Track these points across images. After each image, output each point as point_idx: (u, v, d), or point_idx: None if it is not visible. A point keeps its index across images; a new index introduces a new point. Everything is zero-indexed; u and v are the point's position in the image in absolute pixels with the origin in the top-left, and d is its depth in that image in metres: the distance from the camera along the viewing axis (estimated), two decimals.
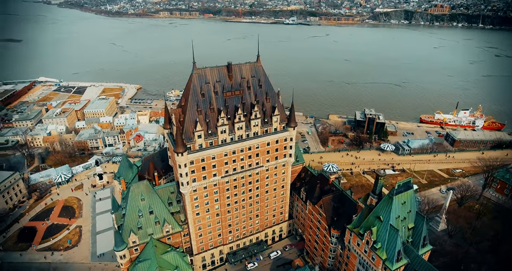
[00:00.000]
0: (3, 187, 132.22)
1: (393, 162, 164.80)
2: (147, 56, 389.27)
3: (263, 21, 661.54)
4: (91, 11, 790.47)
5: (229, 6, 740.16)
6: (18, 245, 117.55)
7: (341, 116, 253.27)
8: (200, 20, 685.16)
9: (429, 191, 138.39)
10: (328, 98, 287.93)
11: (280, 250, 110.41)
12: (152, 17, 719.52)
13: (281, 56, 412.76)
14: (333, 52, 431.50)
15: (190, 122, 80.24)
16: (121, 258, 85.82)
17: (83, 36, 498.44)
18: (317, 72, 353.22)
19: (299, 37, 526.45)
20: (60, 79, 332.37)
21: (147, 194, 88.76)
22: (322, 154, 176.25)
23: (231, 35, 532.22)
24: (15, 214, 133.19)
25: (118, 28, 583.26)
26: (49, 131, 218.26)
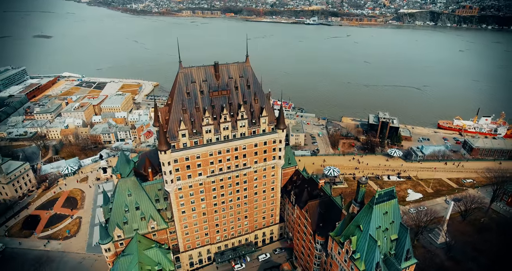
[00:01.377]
0: (13, 176, 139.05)
1: (400, 168, 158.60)
2: (166, 54, 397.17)
3: (284, 21, 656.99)
4: (118, 9, 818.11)
5: (251, 5, 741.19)
6: (22, 232, 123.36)
7: (354, 119, 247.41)
8: (221, 19, 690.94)
9: (433, 200, 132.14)
10: (343, 100, 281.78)
11: (269, 253, 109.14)
12: (175, 15, 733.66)
13: (300, 56, 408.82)
14: (352, 54, 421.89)
15: (174, 121, 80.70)
16: (106, 251, 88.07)
17: (109, 34, 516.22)
18: (334, 73, 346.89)
19: (319, 38, 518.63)
20: (82, 74, 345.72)
21: (134, 190, 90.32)
22: (326, 156, 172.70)
23: (251, 34, 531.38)
24: (23, 202, 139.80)
25: (141, 26, 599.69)
26: (67, 125, 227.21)
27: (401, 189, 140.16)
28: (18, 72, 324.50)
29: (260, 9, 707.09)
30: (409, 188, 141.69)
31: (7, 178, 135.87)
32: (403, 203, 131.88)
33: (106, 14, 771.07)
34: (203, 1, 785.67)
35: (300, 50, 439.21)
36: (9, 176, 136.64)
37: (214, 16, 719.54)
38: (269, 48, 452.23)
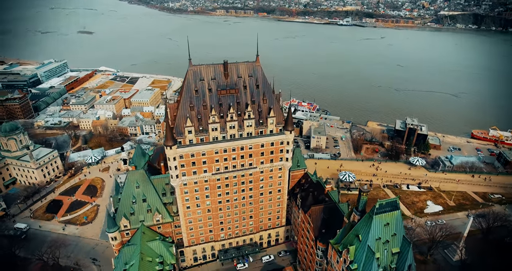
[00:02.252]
0: (43, 162, 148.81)
1: (421, 178, 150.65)
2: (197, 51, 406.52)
3: (316, 22, 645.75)
4: (156, 7, 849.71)
5: (284, 5, 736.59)
6: (45, 215, 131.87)
7: (380, 124, 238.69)
8: (254, 19, 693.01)
9: (453, 214, 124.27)
10: (371, 104, 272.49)
11: (273, 255, 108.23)
12: (209, 14, 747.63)
13: (330, 57, 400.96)
14: (385, 56, 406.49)
15: (181, 118, 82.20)
16: (113, 240, 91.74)
17: (145, 31, 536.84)
18: (365, 76, 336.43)
19: (351, 39, 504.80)
20: (117, 69, 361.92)
21: (142, 182, 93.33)
22: (344, 161, 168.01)
23: (281, 34, 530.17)
24: (50, 187, 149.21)
25: (176, 24, 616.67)
26: (98, 116, 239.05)
27: (420, 200, 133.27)
28: (60, 65, 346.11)
29: (293, 9, 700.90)
30: (429, 199, 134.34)
31: (37, 164, 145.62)
32: (420, 214, 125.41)
33: (144, 12, 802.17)
34: (237, 1, 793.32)
35: (331, 52, 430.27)
36: (38, 162, 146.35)
37: (246, 16, 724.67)
38: (299, 48, 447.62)
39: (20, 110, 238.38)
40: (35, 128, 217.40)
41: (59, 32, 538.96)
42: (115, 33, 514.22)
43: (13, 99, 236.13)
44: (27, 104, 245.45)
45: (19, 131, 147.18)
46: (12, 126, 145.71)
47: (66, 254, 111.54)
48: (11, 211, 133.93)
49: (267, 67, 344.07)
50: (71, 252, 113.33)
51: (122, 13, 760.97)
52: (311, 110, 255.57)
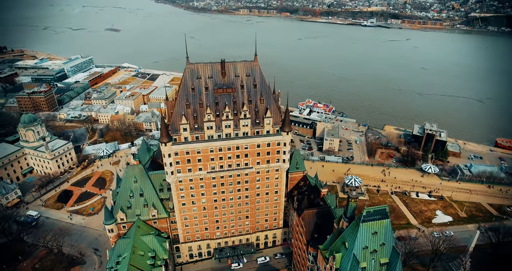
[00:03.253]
0: (57, 153, 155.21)
1: (433, 186, 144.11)
2: (218, 50, 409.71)
3: (340, 22, 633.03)
4: (181, 6, 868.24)
5: (307, 5, 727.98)
6: (56, 204, 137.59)
7: (398, 129, 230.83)
8: (276, 18, 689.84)
9: (463, 226, 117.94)
10: (390, 108, 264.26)
11: (269, 257, 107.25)
12: (232, 14, 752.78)
13: (351, 59, 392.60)
14: (409, 59, 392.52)
15: (177, 115, 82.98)
16: (109, 232, 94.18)
17: (169, 29, 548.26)
18: (386, 78, 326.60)
19: (375, 40, 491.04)
20: (139, 66, 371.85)
21: (140, 177, 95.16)
22: (352, 165, 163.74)
23: (303, 34, 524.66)
24: (63, 177, 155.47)
25: (199, 23, 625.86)
26: (117, 111, 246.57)
27: (428, 209, 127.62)
28: (86, 61, 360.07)
29: (317, 9, 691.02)
30: (439, 209, 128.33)
31: (52, 154, 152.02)
32: (428, 224, 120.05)
33: (170, 10, 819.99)
34: (261, 0, 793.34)
35: (353, 53, 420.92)
36: (53, 153, 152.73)
37: (269, 15, 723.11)
38: (320, 49, 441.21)
39: (45, 103, 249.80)
40: (57, 120, 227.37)
41: (89, 29, 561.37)
42: (140, 31, 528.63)
43: (39, 92, 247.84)
44: (51, 98, 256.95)
45: (37, 123, 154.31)
46: (31, 118, 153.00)
47: (70, 242, 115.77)
48: (26, 198, 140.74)
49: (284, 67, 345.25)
50: (75, 241, 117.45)
51: (148, 12, 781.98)
52: (326, 112, 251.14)
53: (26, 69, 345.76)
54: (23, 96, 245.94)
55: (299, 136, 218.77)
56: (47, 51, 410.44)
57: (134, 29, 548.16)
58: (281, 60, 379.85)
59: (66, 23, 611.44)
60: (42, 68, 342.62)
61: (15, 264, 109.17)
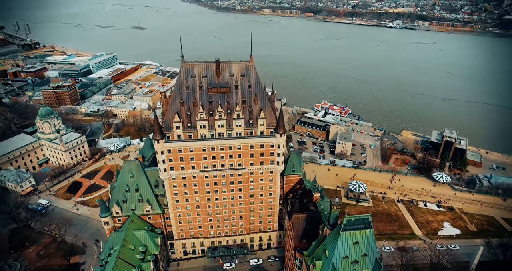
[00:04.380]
0: (71, 146, 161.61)
1: (444, 196, 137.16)
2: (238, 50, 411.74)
3: (364, 23, 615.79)
4: (206, 6, 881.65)
5: (331, 6, 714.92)
6: (65, 194, 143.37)
7: (416, 134, 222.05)
8: (299, 19, 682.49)
9: (471, 240, 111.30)
10: (410, 113, 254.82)
11: (262, 259, 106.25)
12: (255, 13, 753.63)
13: (373, 61, 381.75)
14: (435, 62, 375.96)
15: (171, 113, 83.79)
16: (105, 224, 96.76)
17: (192, 28, 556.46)
18: (408, 82, 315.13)
19: (399, 43, 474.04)
20: (160, 63, 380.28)
21: (136, 172, 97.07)
22: (360, 170, 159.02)
23: (325, 35, 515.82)
24: (75, 169, 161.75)
25: (222, 22, 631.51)
26: (135, 107, 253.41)
27: (435, 220, 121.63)
28: (110, 58, 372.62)
29: (341, 10, 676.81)
30: (447, 220, 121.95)
31: (65, 147, 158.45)
32: (433, 236, 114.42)
33: (195, 10, 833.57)
34: (284, 0, 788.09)
35: (375, 55, 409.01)
36: (67, 145, 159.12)
37: (293, 16, 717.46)
38: (341, 50, 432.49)
39: (68, 97, 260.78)
40: (77, 114, 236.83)
41: (116, 27, 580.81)
42: (165, 29, 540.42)
43: (63, 86, 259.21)
44: (74, 92, 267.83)
45: (54, 116, 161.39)
46: (48, 111, 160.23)
47: (74, 232, 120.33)
48: (39, 187, 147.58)
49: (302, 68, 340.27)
50: (79, 231, 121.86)
51: (174, 11, 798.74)
52: (342, 114, 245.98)
53: (55, 64, 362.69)
54: (48, 90, 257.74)
55: (311, 138, 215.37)
56: (76, 48, 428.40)
57: (159, 28, 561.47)
58: (300, 61, 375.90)
59: (96, 21, 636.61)
60: (69, 63, 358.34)
61: (22, 249, 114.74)
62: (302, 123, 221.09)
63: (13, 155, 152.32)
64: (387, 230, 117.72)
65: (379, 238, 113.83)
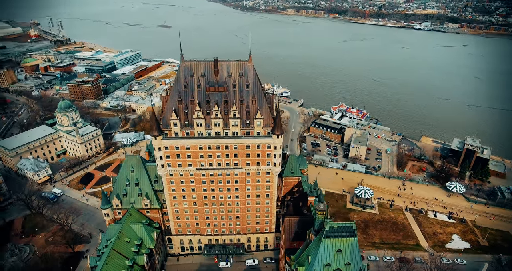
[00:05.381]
0: (87, 139, 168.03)
1: (455, 208, 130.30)
2: (259, 50, 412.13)
3: (390, 25, 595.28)
4: (231, 5, 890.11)
5: (357, 6, 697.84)
6: (78, 185, 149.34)
7: (436, 141, 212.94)
8: (324, 19, 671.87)
9: (481, 256, 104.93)
10: (431, 118, 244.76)
11: (258, 260, 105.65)
12: (279, 13, 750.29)
13: (397, 63, 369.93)
14: (463, 66, 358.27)
15: (169, 110, 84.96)
16: (106, 216, 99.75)
17: (216, 27, 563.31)
18: (432, 86, 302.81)
19: (427, 45, 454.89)
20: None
21: (137, 167, 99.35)
22: (367, 175, 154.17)
23: (349, 36, 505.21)
24: (90, 161, 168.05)
25: (245, 22, 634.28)
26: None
27: (444, 232, 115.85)
28: (134, 55, 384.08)
29: (366, 11, 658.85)
30: (457, 233, 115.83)
31: (81, 139, 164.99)
32: (439, 248, 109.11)
33: (220, 9, 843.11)
34: (309, 1, 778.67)
35: (400, 57, 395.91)
36: (83, 138, 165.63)
37: (317, 16, 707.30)
38: (364, 52, 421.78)
39: (91, 92, 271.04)
40: (99, 108, 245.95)
41: (143, 25, 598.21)
42: (189, 28, 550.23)
43: (87, 81, 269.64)
44: (98, 87, 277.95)
45: (72, 109, 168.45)
46: (67, 105, 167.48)
47: (82, 222, 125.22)
48: (55, 177, 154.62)
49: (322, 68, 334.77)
50: (86, 220, 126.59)
51: (199, 10, 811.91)
52: (359, 117, 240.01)
53: (83, 59, 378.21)
54: (73, 85, 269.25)
55: (326, 140, 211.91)
56: (104, 44, 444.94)
57: (183, 26, 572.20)
58: (321, 62, 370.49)
59: (124, 19, 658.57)
60: (96, 59, 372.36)
61: (32, 235, 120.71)
62: (317, 125, 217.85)
63: (33, 145, 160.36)
64: (390, 239, 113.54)
65: (381, 246, 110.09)
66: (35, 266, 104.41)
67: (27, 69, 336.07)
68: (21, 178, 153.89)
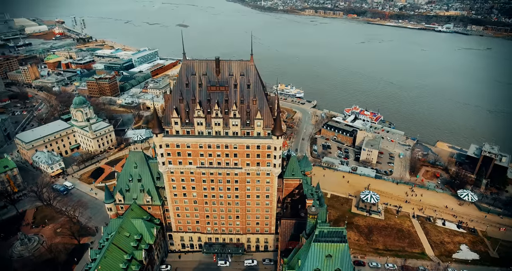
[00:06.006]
0: (99, 134, 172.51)
1: (466, 217, 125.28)
2: (275, 50, 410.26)
3: (410, 26, 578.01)
4: (249, 5, 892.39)
5: (376, 7, 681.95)
6: (88, 179, 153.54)
7: (452, 147, 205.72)
8: (342, 20, 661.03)
9: (490, 268, 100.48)
10: (449, 123, 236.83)
11: (257, 261, 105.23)
12: (297, 14, 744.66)
13: (415, 66, 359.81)
14: (485, 70, 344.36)
15: (171, 108, 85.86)
16: (108, 210, 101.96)
17: (233, 26, 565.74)
18: (452, 90, 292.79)
19: (448, 48, 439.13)
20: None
21: (140, 163, 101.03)
22: (376, 180, 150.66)
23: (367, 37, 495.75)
24: (101, 156, 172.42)
25: (263, 22, 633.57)
26: None
27: (452, 241, 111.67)
28: (152, 53, 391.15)
29: (386, 12, 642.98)
30: (465, 243, 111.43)
31: (94, 134, 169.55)
32: (446, 258, 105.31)
33: (238, 9, 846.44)
34: (328, 1, 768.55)
35: (419, 60, 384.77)
36: (95, 133, 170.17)
37: (335, 17, 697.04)
38: (381, 54, 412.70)
39: (108, 89, 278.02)
40: (115, 105, 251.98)
41: (162, 24, 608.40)
42: (207, 27, 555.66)
43: (104, 79, 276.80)
44: (114, 84, 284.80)
45: (86, 105, 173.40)
46: (81, 101, 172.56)
47: (89, 215, 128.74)
48: (67, 170, 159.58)
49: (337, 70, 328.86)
50: (94, 214, 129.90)
51: (218, 10, 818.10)
52: (373, 120, 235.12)
53: (103, 57, 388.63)
54: (91, 81, 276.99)
55: (337, 142, 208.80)
56: (123, 42, 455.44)
57: (201, 26, 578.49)
58: (337, 63, 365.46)
59: (145, 18, 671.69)
60: (115, 57, 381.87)
61: (42, 226, 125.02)
62: (328, 127, 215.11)
63: (48, 139, 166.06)
64: (394, 246, 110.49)
65: (384, 253, 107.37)
66: (41, 256, 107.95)
67: (50, 66, 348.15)
68: (36, 170, 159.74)
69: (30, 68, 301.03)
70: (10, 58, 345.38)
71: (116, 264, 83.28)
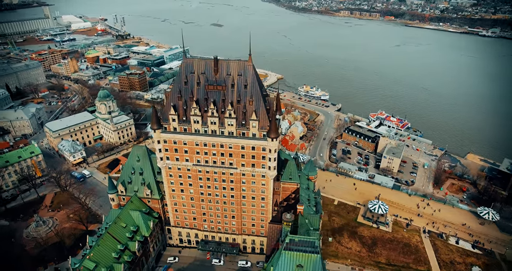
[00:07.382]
0: (119, 127, 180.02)
1: (484, 237, 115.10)
2: (305, 51, 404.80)
3: (452, 30, 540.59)
4: (284, 6, 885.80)
5: (416, 9, 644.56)
6: (105, 169, 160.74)
7: (484, 160, 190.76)
8: (378, 22, 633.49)
9: None
10: (483, 135, 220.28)
11: (251, 263, 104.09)
12: (332, 15, 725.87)
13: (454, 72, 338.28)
14: None
15: (169, 105, 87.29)
16: (111, 200, 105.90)
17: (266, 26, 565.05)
18: (492, 99, 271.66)
19: (491, 54, 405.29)
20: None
21: (142, 157, 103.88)
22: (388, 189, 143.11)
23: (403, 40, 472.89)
24: (121, 148, 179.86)
25: (296, 22, 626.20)
26: None
27: (464, 262, 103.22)
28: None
29: (426, 14, 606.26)
30: (479, 265, 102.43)
31: (115, 127, 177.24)
32: None
33: (273, 9, 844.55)
34: (364, 2, 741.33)
35: (457, 65, 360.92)
36: (116, 126, 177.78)
37: (371, 18, 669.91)
38: (417, 58, 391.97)
39: (138, 84, 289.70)
40: (142, 99, 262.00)
41: (197, 24, 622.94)
42: (240, 27, 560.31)
43: (135, 74, 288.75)
44: (144, 80, 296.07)
45: (110, 98, 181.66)
46: (105, 94, 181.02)
47: (100, 203, 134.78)
48: (88, 159, 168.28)
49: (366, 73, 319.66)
50: (104, 202, 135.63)
51: (253, 9, 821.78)
52: (399, 127, 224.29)
53: (138, 54, 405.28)
54: (123, 76, 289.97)
55: (358, 148, 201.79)
56: (158, 40, 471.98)
57: (235, 25, 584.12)
58: (367, 66, 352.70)
59: (181, 17, 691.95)
60: (148, 54, 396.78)
61: (58, 210, 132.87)
62: (350, 131, 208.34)
63: (73, 129, 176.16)
64: (398, 261, 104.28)
65: (386, 268, 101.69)
66: (51, 238, 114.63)
67: (89, 60, 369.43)
68: (60, 158, 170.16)
69: (70, 62, 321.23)
70: (55, 52, 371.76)
71: (108, 253, 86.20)
